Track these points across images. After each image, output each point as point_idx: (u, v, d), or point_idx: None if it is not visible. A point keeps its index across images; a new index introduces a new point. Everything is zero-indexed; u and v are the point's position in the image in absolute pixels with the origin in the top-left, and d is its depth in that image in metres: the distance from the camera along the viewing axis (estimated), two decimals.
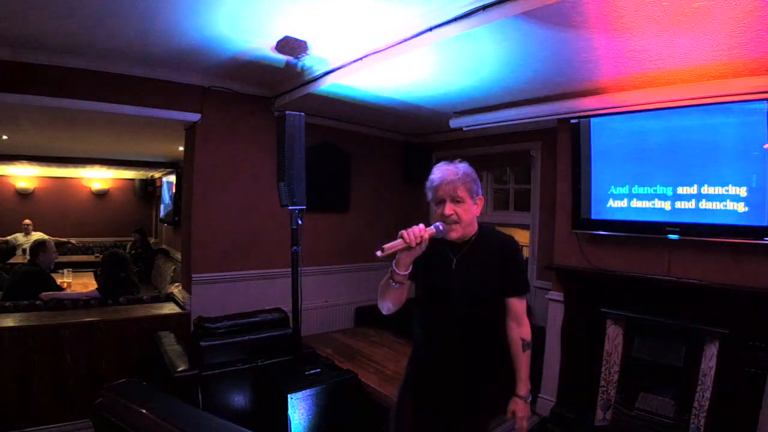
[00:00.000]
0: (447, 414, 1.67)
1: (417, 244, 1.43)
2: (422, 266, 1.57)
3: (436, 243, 1.57)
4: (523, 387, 1.67)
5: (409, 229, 1.44)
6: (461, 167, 1.61)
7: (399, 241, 1.44)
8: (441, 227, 1.53)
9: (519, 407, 1.66)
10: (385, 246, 1.42)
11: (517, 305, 1.67)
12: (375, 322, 4.29)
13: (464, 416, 1.66)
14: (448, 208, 1.56)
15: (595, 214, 3.03)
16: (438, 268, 1.63)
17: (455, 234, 1.59)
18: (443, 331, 1.65)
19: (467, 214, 1.59)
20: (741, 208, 2.42)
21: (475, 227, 1.66)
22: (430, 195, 1.64)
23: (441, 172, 1.61)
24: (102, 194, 8.27)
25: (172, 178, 6.67)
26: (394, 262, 1.52)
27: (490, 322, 1.66)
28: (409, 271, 1.53)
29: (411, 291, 1.69)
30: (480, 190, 1.65)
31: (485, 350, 1.66)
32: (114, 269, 3.84)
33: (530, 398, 1.70)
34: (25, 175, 7.44)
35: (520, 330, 1.67)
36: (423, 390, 1.73)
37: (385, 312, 1.66)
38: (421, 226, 1.47)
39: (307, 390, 2.40)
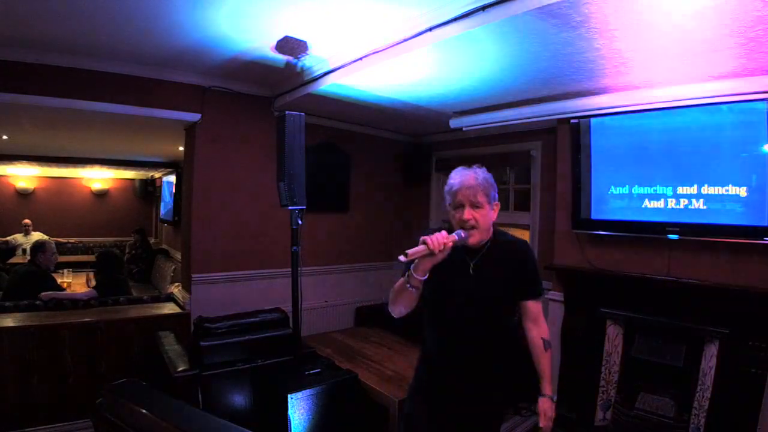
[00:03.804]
0: (460, 416, 1.66)
1: (440, 251, 1.43)
2: (435, 270, 1.52)
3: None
4: (549, 386, 1.68)
5: (432, 236, 1.43)
6: (480, 172, 1.60)
7: (422, 247, 1.43)
8: (463, 235, 1.53)
9: (547, 406, 1.66)
10: (409, 251, 1.41)
11: (534, 307, 1.69)
12: (375, 322, 4.29)
13: (477, 420, 1.66)
14: (467, 213, 1.55)
15: (595, 214, 3.02)
16: (453, 273, 1.61)
17: (474, 240, 1.57)
18: (458, 334, 1.64)
19: (485, 219, 1.58)
20: (741, 208, 2.42)
21: (491, 232, 1.65)
22: (449, 200, 1.62)
23: (461, 176, 1.59)
24: (102, 194, 8.26)
25: (172, 178, 6.66)
26: (412, 266, 1.50)
27: (502, 325, 1.67)
28: (426, 276, 1.50)
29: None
30: (497, 195, 1.63)
31: (497, 352, 1.67)
32: (107, 268, 3.86)
33: (555, 397, 1.71)
34: (25, 175, 7.43)
35: (538, 330, 1.69)
36: (437, 393, 1.70)
37: (396, 315, 1.65)
38: (444, 233, 1.47)
39: (307, 390, 2.40)
